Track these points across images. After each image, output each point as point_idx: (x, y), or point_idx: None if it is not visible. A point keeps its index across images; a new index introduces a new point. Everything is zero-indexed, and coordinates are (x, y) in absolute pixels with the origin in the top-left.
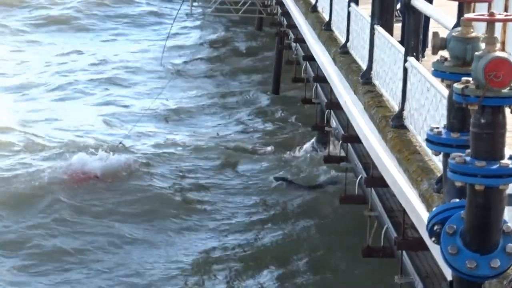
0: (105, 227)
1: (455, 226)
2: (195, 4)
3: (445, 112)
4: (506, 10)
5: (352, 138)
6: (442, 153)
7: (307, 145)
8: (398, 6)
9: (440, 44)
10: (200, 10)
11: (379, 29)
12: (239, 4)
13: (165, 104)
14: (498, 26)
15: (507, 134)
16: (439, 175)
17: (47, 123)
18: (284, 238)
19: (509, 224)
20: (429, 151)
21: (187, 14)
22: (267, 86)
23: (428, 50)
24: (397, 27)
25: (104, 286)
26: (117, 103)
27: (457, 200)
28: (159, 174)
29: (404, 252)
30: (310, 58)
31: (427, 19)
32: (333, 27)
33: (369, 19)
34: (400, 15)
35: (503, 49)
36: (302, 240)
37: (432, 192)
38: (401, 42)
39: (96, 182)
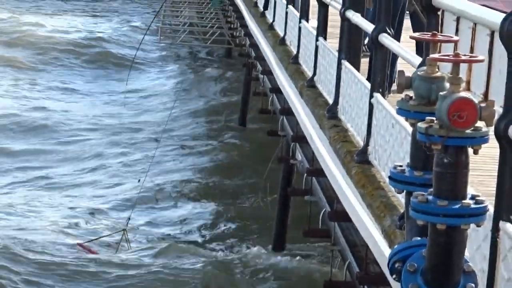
0: None
1: (416, 264)
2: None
3: (409, 149)
4: (472, 50)
5: (316, 171)
6: (404, 191)
7: None
8: (366, 41)
9: (405, 82)
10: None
11: (346, 64)
12: (208, 34)
13: None
14: (464, 65)
15: (470, 174)
16: (402, 211)
17: None
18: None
19: (470, 264)
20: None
21: (156, 42)
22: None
23: (395, 86)
24: (365, 61)
25: None
26: None
27: (419, 238)
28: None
29: (365, 287)
30: (277, 90)
31: (395, 55)
32: (301, 61)
33: (336, 54)
34: (368, 50)
35: (468, 89)
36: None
37: (394, 228)
38: (368, 77)
39: None
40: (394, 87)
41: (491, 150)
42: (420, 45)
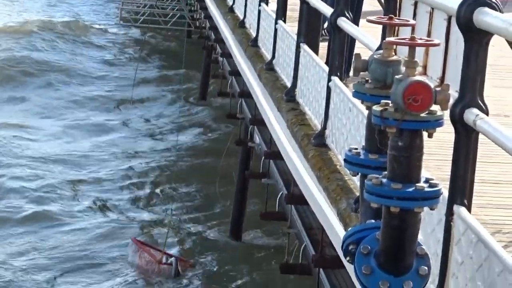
0: None
1: (369, 247)
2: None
3: (365, 132)
4: (429, 34)
5: (274, 154)
6: (360, 174)
7: None
8: (326, 25)
9: (362, 66)
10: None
11: (304, 47)
12: (168, 16)
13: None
14: (421, 49)
15: (424, 157)
16: (358, 194)
17: None
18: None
19: (423, 247)
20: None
21: (116, 24)
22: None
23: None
24: (324, 45)
25: None
26: None
27: (373, 221)
28: None
29: (321, 270)
30: (236, 73)
31: (353, 39)
32: (260, 44)
33: (295, 37)
34: (327, 34)
35: (424, 73)
36: (221, 252)
37: (350, 211)
38: (327, 61)
39: None
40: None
41: (448, 135)
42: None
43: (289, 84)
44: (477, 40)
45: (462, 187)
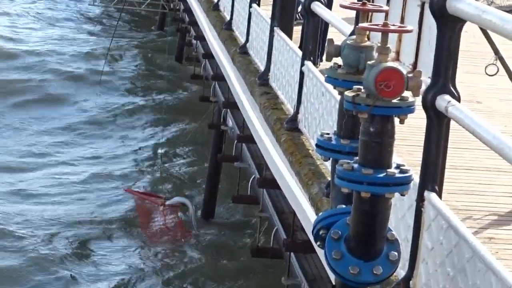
0: None
1: (340, 232)
2: None
3: (337, 117)
4: (402, 20)
5: (247, 138)
6: (331, 159)
7: None
8: (300, 9)
9: (334, 51)
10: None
11: (278, 31)
12: None
13: None
14: (394, 35)
15: (396, 143)
16: (329, 179)
17: None
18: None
19: (393, 232)
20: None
21: (90, 5)
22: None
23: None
24: (298, 30)
25: None
26: None
27: (344, 206)
28: None
29: (292, 254)
30: (210, 56)
31: (327, 24)
32: (234, 27)
33: (269, 21)
34: (302, 18)
35: (397, 59)
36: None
37: (321, 196)
38: (301, 45)
39: None
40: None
41: (420, 120)
42: None
43: (262, 68)
44: (450, 27)
45: (433, 173)
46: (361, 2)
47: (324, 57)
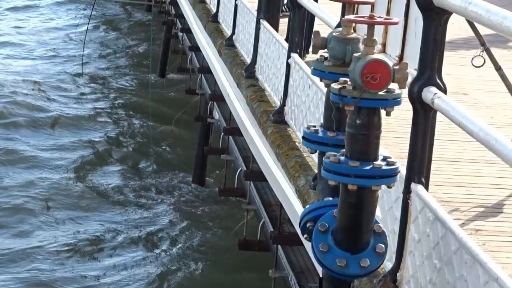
0: None
1: (327, 224)
2: None
3: (324, 109)
4: (388, 13)
5: (233, 130)
6: (318, 152)
7: None
8: (286, 0)
9: (321, 43)
10: None
11: (264, 23)
12: None
13: None
14: (380, 27)
15: (382, 135)
16: (316, 171)
17: None
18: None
19: (380, 225)
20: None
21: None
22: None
23: None
24: (284, 22)
25: None
26: None
27: (331, 198)
28: None
29: (279, 247)
30: (196, 48)
31: (313, 16)
32: (220, 19)
33: (255, 13)
34: (288, 10)
35: (384, 51)
36: (179, 230)
37: (308, 188)
38: (287, 37)
39: None
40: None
41: (407, 112)
42: None
43: (249, 60)
44: (435, 19)
45: (419, 165)
46: None
47: (310, 49)
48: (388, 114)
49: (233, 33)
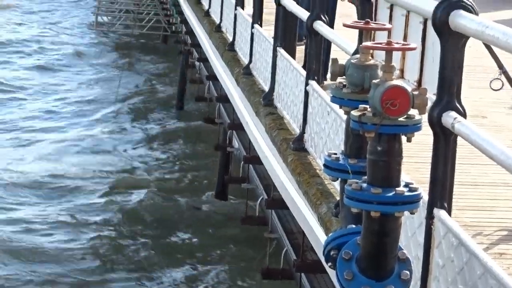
0: None
1: (351, 252)
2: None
3: (344, 136)
4: (405, 38)
5: (253, 159)
6: (339, 179)
7: None
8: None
9: (339, 70)
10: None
11: (281, 51)
12: (144, 21)
13: None
14: (398, 52)
15: (402, 161)
16: (338, 198)
17: None
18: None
19: (404, 251)
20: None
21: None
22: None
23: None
24: (300, 49)
25: None
26: None
27: (354, 226)
28: None
29: (303, 275)
30: (213, 77)
31: (330, 42)
32: (237, 48)
33: (272, 41)
34: (304, 37)
35: (402, 76)
36: (202, 258)
37: (330, 216)
38: (304, 64)
39: None
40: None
41: (426, 137)
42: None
43: (266, 88)
44: (453, 43)
45: (441, 190)
46: (364, 21)
47: (328, 76)
48: (408, 140)
49: (250, 61)
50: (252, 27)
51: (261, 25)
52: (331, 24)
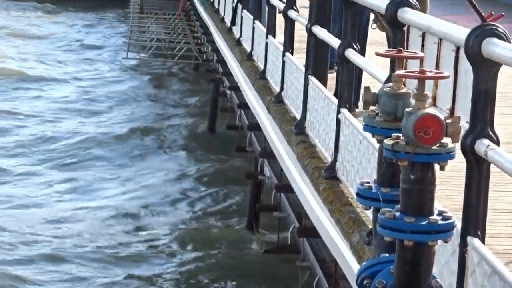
0: None
1: (384, 281)
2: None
3: (377, 165)
4: (437, 66)
5: (285, 187)
6: (372, 207)
7: None
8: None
9: (371, 99)
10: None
11: (313, 79)
12: (175, 50)
13: None
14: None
15: (438, 188)
16: (370, 227)
17: None
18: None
19: (437, 280)
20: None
21: (123, 58)
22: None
23: (362, 102)
24: (332, 77)
25: None
26: None
27: (387, 254)
28: None
29: None
30: (244, 106)
31: (361, 70)
32: (268, 76)
33: (303, 69)
34: (336, 65)
35: (434, 104)
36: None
37: (363, 244)
38: (336, 92)
39: None
40: (361, 102)
41: (459, 164)
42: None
43: (298, 117)
44: (486, 71)
45: (475, 218)
46: (396, 49)
47: (359, 104)
48: (442, 168)
49: (282, 89)
50: (283, 55)
51: (292, 53)
52: (362, 51)
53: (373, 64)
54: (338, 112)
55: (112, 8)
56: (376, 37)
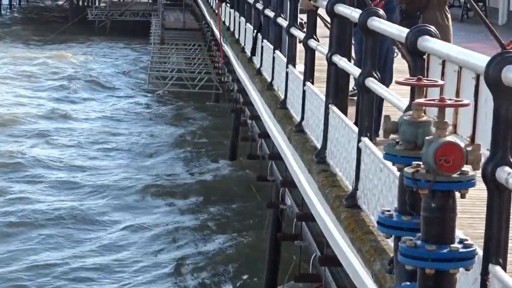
0: None
1: None
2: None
3: (397, 193)
4: (457, 94)
5: (306, 216)
6: (393, 236)
7: None
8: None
9: (392, 127)
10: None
11: (333, 108)
12: (196, 80)
13: None
14: (451, 108)
15: (459, 216)
16: (391, 255)
17: None
18: None
19: None
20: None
21: (143, 89)
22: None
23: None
24: (351, 102)
25: None
26: None
27: (408, 283)
28: None
29: None
30: (265, 135)
31: (382, 98)
32: (289, 105)
33: (323, 98)
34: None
35: (454, 132)
36: None
37: (384, 272)
38: (356, 121)
39: None
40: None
41: (480, 192)
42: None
43: (319, 146)
44: (506, 98)
45: (496, 245)
46: (416, 78)
47: (380, 132)
48: (462, 196)
49: (302, 118)
50: (304, 84)
51: (312, 83)
52: (390, 80)
53: (393, 93)
54: (359, 140)
55: (136, 38)
56: (397, 65)
